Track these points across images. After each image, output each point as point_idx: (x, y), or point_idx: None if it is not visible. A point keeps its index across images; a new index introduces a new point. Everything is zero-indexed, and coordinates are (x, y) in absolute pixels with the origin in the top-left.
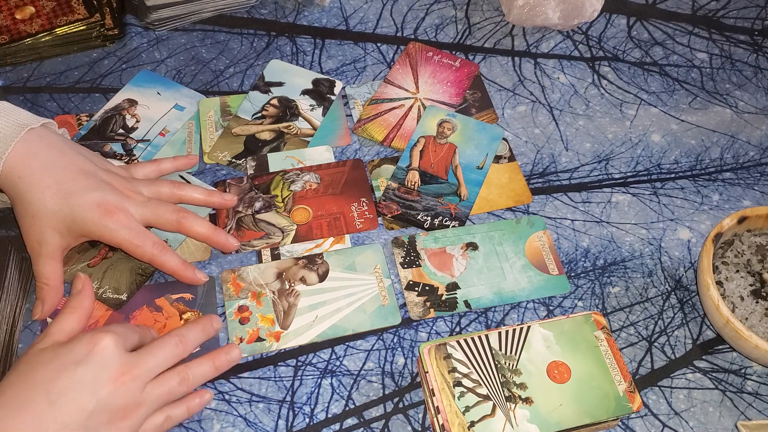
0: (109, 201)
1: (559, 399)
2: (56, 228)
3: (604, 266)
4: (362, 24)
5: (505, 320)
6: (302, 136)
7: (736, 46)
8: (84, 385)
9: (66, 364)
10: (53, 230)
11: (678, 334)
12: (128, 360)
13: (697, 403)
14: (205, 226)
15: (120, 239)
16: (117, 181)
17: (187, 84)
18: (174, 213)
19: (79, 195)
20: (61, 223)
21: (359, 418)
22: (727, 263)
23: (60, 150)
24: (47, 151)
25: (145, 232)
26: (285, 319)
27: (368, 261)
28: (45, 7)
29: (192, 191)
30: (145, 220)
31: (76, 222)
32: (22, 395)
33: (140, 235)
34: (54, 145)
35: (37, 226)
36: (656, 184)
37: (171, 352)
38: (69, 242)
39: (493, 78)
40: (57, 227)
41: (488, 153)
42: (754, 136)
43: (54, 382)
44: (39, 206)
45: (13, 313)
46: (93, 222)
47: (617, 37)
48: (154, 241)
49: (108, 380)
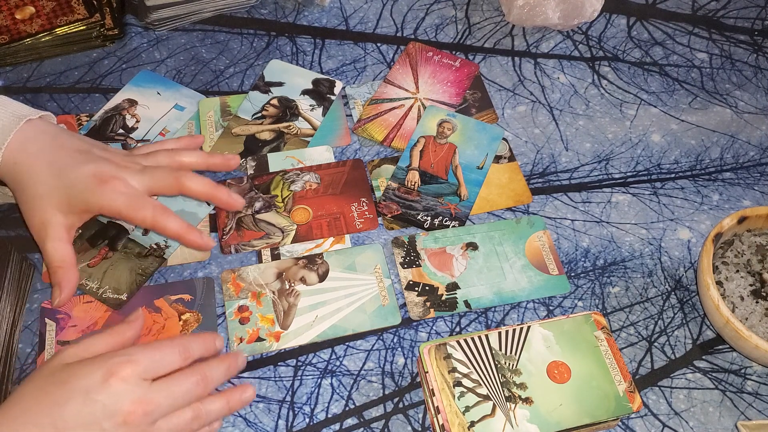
0: (104, 171)
1: (559, 399)
2: (57, 207)
3: (604, 266)
4: (362, 24)
5: (505, 320)
6: (302, 136)
7: (736, 46)
8: (93, 418)
9: (80, 389)
10: (54, 209)
11: (678, 334)
12: (144, 395)
13: (697, 403)
14: (205, 183)
15: (119, 206)
16: (113, 156)
17: (187, 84)
18: (171, 173)
19: (75, 169)
20: (61, 200)
21: (359, 418)
22: (727, 263)
23: (55, 135)
24: (43, 136)
25: (143, 196)
26: (285, 319)
27: (368, 261)
28: (45, 7)
29: (190, 155)
30: (143, 186)
31: (75, 196)
32: (31, 416)
33: (139, 199)
34: (50, 132)
35: (39, 208)
36: (656, 184)
37: (191, 391)
38: (73, 221)
39: (493, 78)
40: (58, 206)
41: (488, 153)
42: (754, 136)
43: (64, 408)
44: (37, 187)
45: (13, 313)
46: (90, 192)
47: (617, 37)
48: (154, 204)
49: (119, 415)
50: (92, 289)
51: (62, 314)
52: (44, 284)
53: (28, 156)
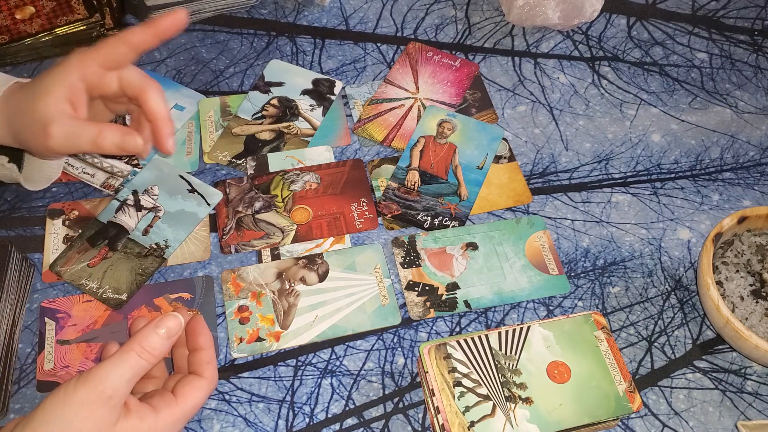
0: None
1: (559, 399)
2: (46, 93)
3: (604, 266)
4: (362, 24)
5: (505, 320)
6: (302, 136)
7: (736, 46)
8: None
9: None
10: (45, 96)
11: (678, 334)
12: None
13: (697, 403)
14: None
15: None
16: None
17: (187, 84)
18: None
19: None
20: (44, 86)
21: (359, 418)
22: (727, 263)
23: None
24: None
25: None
26: (285, 319)
27: (368, 261)
28: (45, 7)
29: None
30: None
31: (55, 75)
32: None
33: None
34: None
35: (32, 110)
36: (656, 184)
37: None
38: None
39: (493, 78)
40: (46, 92)
41: (488, 153)
42: (754, 136)
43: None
44: (23, 102)
45: (13, 313)
46: (64, 61)
47: (617, 37)
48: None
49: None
50: (92, 289)
51: (62, 313)
52: (44, 284)
53: (15, 94)
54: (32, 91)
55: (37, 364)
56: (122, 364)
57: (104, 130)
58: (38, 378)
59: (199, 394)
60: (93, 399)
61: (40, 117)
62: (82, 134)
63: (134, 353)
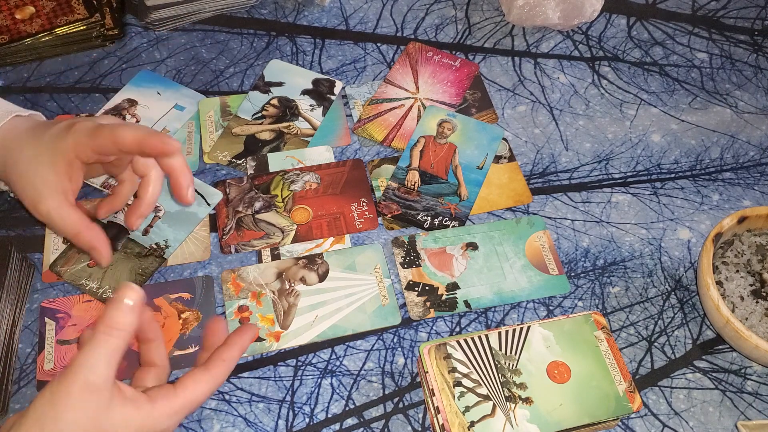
0: (72, 120)
1: (559, 399)
2: (45, 170)
3: (604, 266)
4: (362, 24)
5: (505, 320)
6: (302, 136)
7: (736, 46)
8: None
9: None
10: (43, 177)
11: (678, 334)
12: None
13: (697, 403)
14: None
15: (84, 137)
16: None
17: (187, 84)
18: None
19: (51, 128)
20: (45, 159)
21: (359, 418)
22: (727, 263)
23: (39, 122)
24: (30, 123)
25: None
26: (285, 319)
27: (368, 261)
28: (45, 7)
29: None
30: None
31: (55, 146)
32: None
33: (102, 126)
34: (37, 122)
35: (30, 177)
36: (656, 184)
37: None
38: (64, 185)
39: (493, 78)
40: (45, 167)
41: (488, 153)
42: (754, 136)
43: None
44: (22, 158)
45: (13, 313)
46: (62, 138)
47: (617, 37)
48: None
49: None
50: (92, 289)
51: (62, 313)
52: (44, 284)
53: (14, 137)
54: (34, 154)
55: (37, 364)
56: (96, 348)
57: (82, 233)
58: (38, 378)
59: (201, 387)
60: (78, 389)
61: (38, 187)
62: (63, 226)
63: (102, 335)
